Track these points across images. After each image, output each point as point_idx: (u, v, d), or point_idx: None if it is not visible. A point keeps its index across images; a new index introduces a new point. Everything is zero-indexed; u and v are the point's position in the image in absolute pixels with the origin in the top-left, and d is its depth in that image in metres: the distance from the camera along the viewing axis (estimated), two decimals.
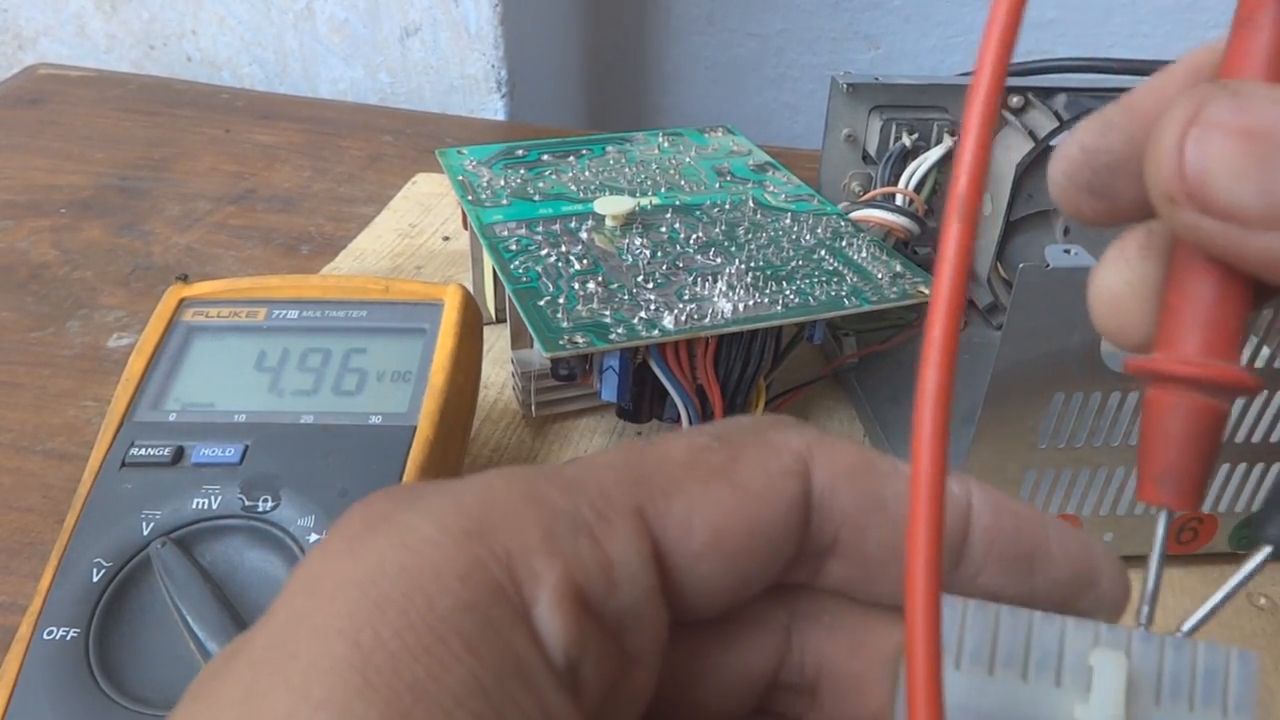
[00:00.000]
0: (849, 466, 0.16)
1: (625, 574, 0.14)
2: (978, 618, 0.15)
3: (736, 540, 0.15)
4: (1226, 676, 0.15)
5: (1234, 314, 0.15)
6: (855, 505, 0.16)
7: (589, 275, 0.35)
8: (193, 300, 0.34)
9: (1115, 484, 0.32)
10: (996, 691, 0.14)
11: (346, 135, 0.67)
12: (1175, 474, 0.15)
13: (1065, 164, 0.16)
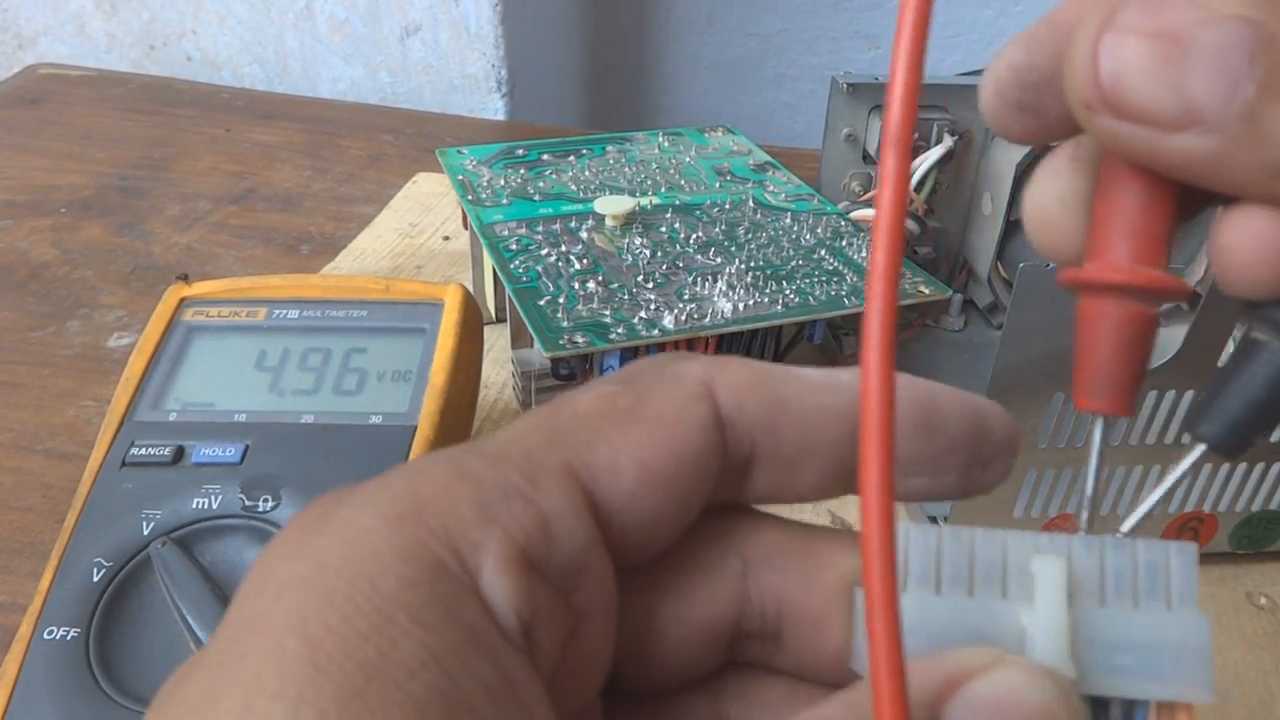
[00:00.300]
0: (748, 380, 0.17)
1: (563, 529, 0.14)
2: (920, 541, 0.15)
3: (662, 471, 0.15)
4: (1168, 570, 0.15)
5: (1160, 221, 0.15)
6: (762, 412, 0.16)
7: (589, 275, 0.35)
8: (193, 300, 0.34)
9: (1115, 484, 0.32)
10: (945, 610, 0.15)
11: (347, 135, 0.67)
12: (1108, 380, 0.15)
13: (995, 83, 0.16)
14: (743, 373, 0.17)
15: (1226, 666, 0.31)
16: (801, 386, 0.17)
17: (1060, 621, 0.14)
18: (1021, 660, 0.14)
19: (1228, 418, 0.15)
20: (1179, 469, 0.16)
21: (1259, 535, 0.34)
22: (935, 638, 0.14)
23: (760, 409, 0.16)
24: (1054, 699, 0.14)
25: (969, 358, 0.44)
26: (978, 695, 0.14)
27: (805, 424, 0.16)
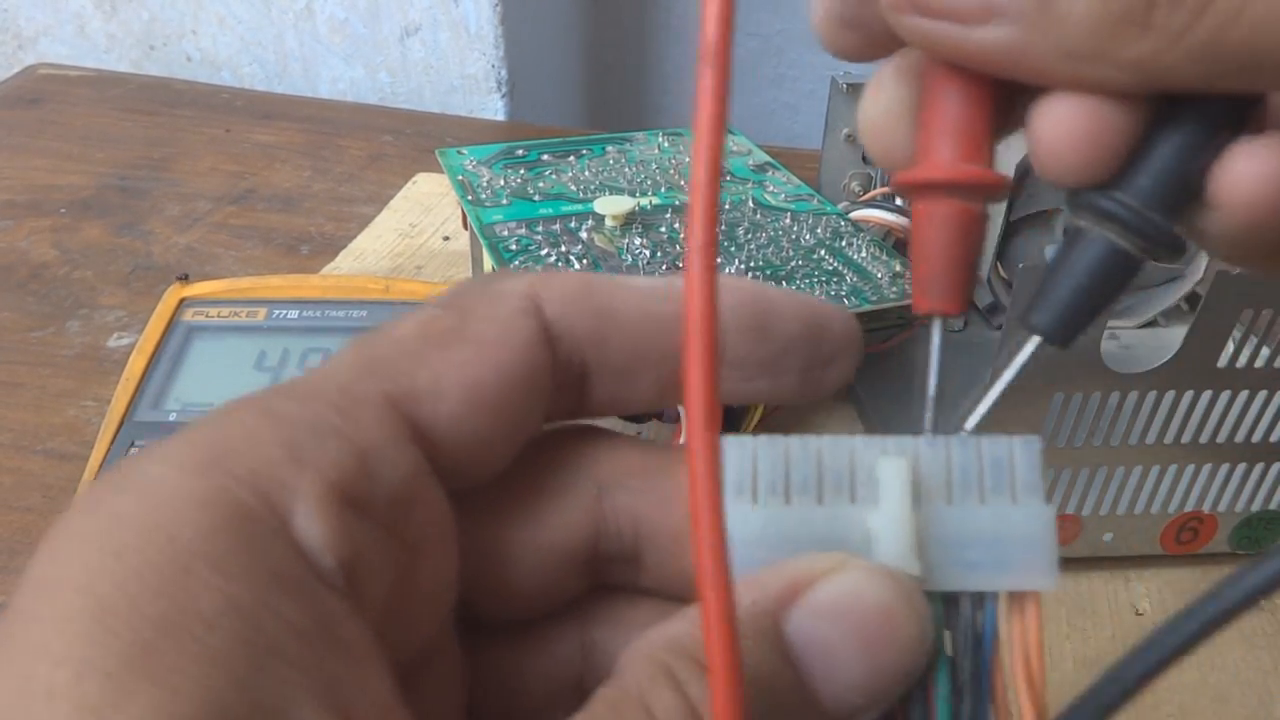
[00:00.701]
0: (573, 291, 0.16)
1: (383, 461, 0.14)
2: (768, 451, 0.15)
3: (489, 389, 0.15)
4: (1012, 464, 0.15)
5: (978, 119, 0.15)
6: (590, 323, 0.16)
7: None
8: (193, 300, 0.34)
9: (1115, 484, 0.32)
10: (795, 518, 0.15)
11: (346, 135, 0.67)
12: (940, 278, 0.16)
13: (822, 2, 0.16)
14: (569, 284, 0.16)
15: (1226, 667, 0.31)
16: (631, 295, 0.17)
17: (904, 521, 0.14)
18: (864, 562, 0.14)
19: (1057, 306, 0.16)
20: (1017, 361, 0.16)
21: (1259, 535, 0.34)
22: (786, 547, 0.15)
23: (588, 319, 0.16)
24: (894, 598, 0.14)
25: (969, 358, 0.44)
26: (819, 600, 0.14)
27: (635, 333, 0.16)
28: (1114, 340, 0.44)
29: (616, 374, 0.17)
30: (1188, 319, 0.30)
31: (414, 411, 0.15)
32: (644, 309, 0.16)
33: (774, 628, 0.14)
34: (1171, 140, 0.15)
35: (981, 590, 0.15)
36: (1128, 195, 0.15)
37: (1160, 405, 0.30)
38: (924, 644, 0.14)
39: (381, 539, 0.14)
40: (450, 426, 0.15)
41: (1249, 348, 0.30)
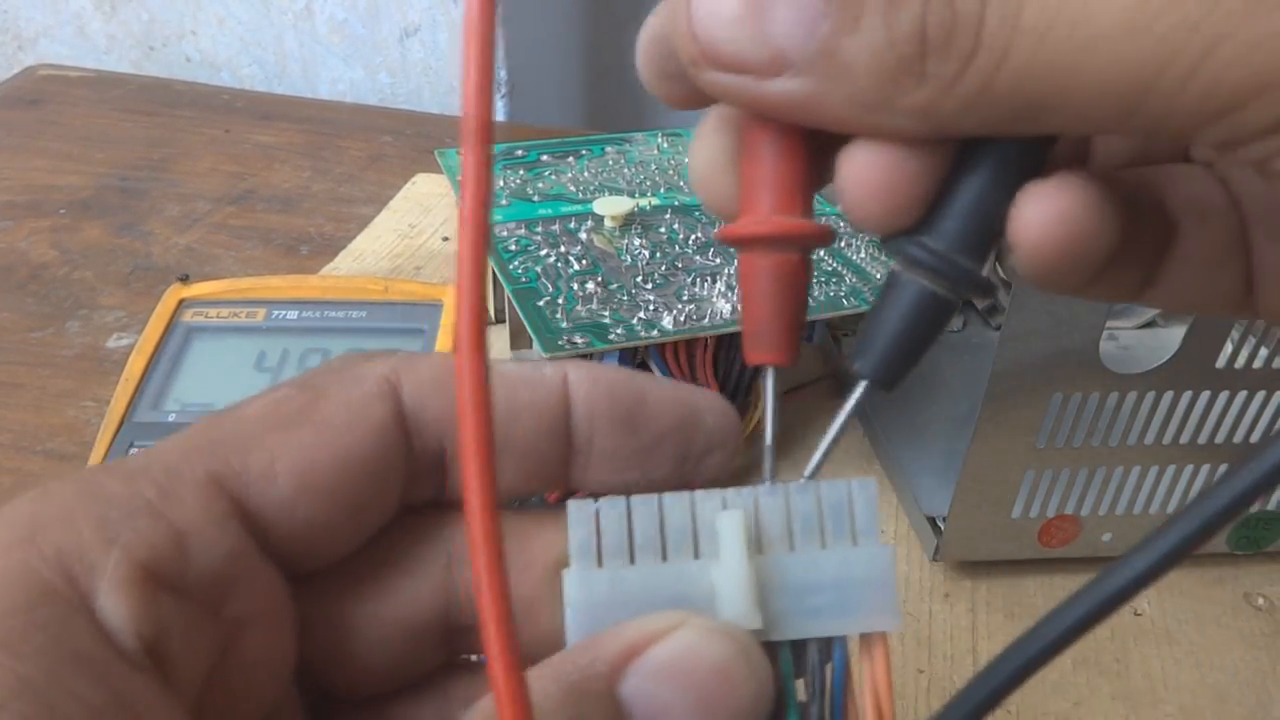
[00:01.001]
0: (435, 375, 0.16)
1: (201, 541, 0.14)
2: (609, 512, 0.15)
3: (326, 474, 0.15)
4: (850, 507, 0.15)
5: (792, 168, 0.15)
6: (449, 410, 0.16)
7: (588, 275, 0.35)
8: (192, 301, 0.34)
9: (1114, 484, 0.32)
10: (640, 578, 0.15)
11: (346, 136, 0.67)
12: (767, 330, 0.16)
13: (642, 54, 0.17)
14: (431, 369, 0.16)
15: (1224, 667, 0.31)
16: (497, 382, 0.16)
17: (742, 574, 0.14)
18: (701, 620, 0.14)
19: (878, 351, 0.16)
20: (846, 407, 0.16)
21: (1257, 536, 0.34)
22: (633, 608, 0.15)
23: (446, 408, 0.16)
24: (730, 655, 0.14)
25: (968, 358, 0.44)
26: (653, 661, 0.14)
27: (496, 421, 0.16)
28: (1113, 341, 0.44)
29: None
30: (1186, 319, 0.30)
31: (242, 493, 0.15)
32: (509, 397, 0.16)
33: (607, 691, 0.14)
34: (970, 185, 0.15)
35: (827, 636, 0.15)
36: (934, 240, 0.15)
37: (1159, 406, 0.30)
38: (761, 702, 0.14)
39: (196, 617, 0.14)
40: (282, 510, 0.15)
41: (1247, 348, 0.30)
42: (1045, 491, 0.32)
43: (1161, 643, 0.32)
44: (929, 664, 0.31)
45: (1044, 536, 0.33)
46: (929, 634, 0.32)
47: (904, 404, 0.40)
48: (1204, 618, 0.33)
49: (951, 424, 0.39)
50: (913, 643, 0.31)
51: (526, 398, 0.16)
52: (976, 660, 0.31)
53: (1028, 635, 0.13)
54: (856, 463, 0.39)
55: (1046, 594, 0.33)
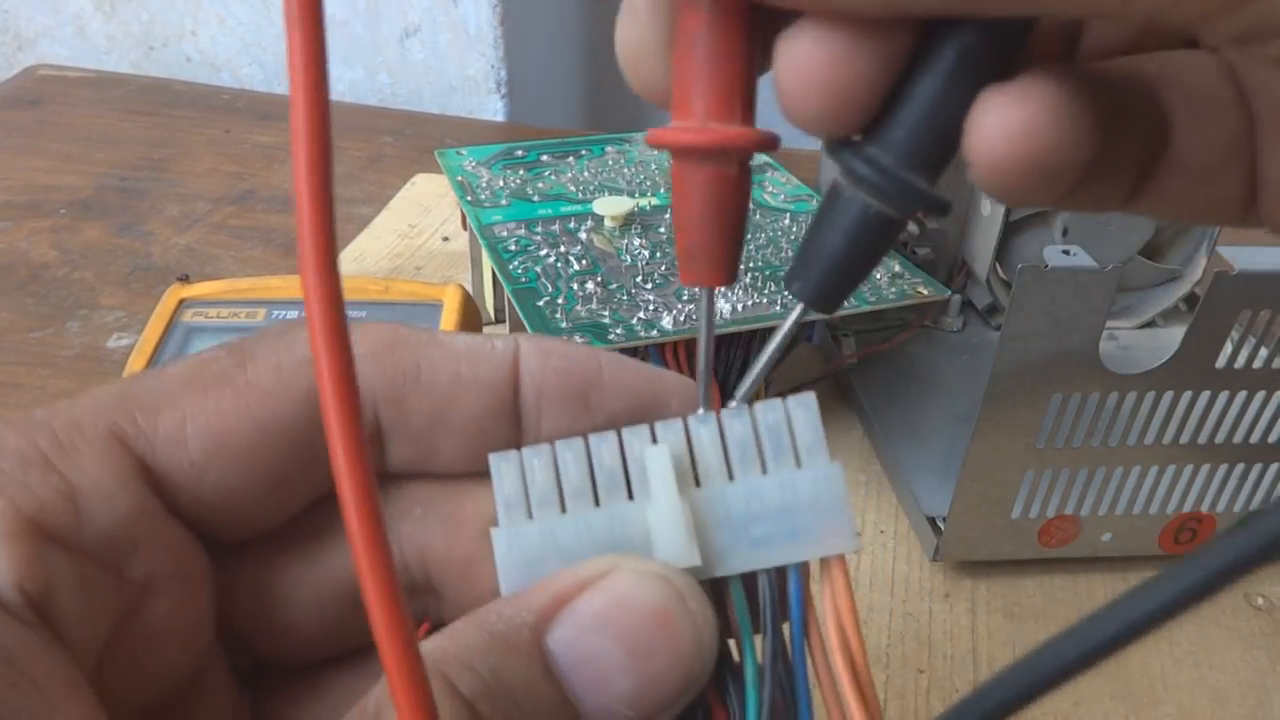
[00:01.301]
0: (374, 344, 0.15)
1: (96, 499, 0.14)
2: (535, 461, 0.14)
3: (243, 441, 0.15)
4: (790, 427, 0.14)
5: (732, 64, 0.14)
6: (387, 381, 0.15)
7: (588, 275, 0.35)
8: (192, 301, 0.34)
9: (1114, 484, 0.32)
10: (573, 526, 0.14)
11: (346, 136, 0.67)
12: (701, 249, 0.14)
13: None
14: (369, 338, 0.16)
15: (1224, 667, 0.31)
16: (440, 354, 0.16)
17: (675, 510, 0.14)
18: (633, 563, 0.13)
19: (817, 273, 0.14)
20: (782, 329, 0.15)
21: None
22: (568, 558, 0.14)
23: (385, 377, 0.15)
24: (665, 599, 0.13)
25: (968, 358, 0.44)
26: (583, 610, 0.13)
27: (437, 395, 0.15)
28: (1113, 341, 0.44)
29: (415, 436, 0.16)
30: (1186, 319, 0.30)
31: (147, 453, 0.14)
32: (452, 370, 0.16)
33: (533, 641, 0.13)
34: (925, 86, 0.13)
35: (779, 565, 0.14)
36: (881, 151, 0.13)
37: (1159, 406, 0.30)
38: (703, 647, 0.13)
39: (93, 576, 0.14)
40: (191, 474, 0.14)
41: (1247, 348, 0.30)
42: (1045, 491, 0.32)
43: (1161, 642, 0.32)
44: (929, 664, 0.31)
45: (1044, 536, 0.33)
46: (929, 634, 0.32)
47: (904, 404, 0.40)
48: (1203, 617, 0.33)
49: (951, 424, 0.39)
50: (913, 643, 0.31)
51: (470, 373, 0.16)
52: (976, 660, 0.31)
53: (1049, 646, 0.12)
54: (856, 462, 0.39)
55: (1046, 594, 0.33)
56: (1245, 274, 0.28)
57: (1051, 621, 0.32)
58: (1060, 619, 0.32)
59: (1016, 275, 0.27)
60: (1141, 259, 0.44)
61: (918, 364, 0.43)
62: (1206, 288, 0.28)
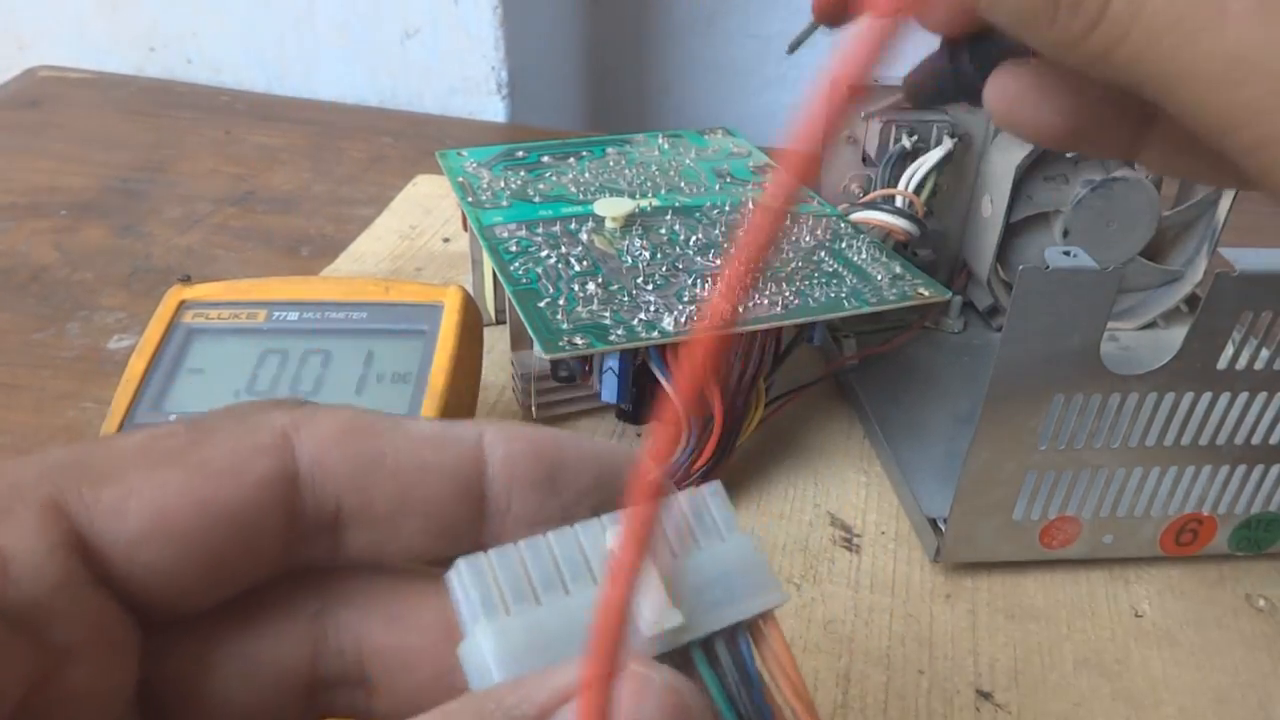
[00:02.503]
0: (338, 431, 0.16)
1: (24, 564, 0.14)
2: (501, 561, 0.15)
3: (186, 521, 0.14)
4: (709, 509, 0.16)
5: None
6: (351, 468, 0.15)
7: (589, 276, 0.35)
8: (193, 302, 0.34)
9: (1115, 485, 0.32)
10: (553, 615, 0.15)
11: (347, 137, 0.67)
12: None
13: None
14: (333, 425, 0.16)
15: (1226, 669, 0.31)
16: (404, 441, 0.16)
17: (649, 578, 0.15)
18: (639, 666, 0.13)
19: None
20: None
21: (1258, 537, 0.34)
22: (557, 645, 0.14)
23: (349, 464, 0.15)
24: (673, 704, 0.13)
25: (969, 359, 0.44)
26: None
27: (402, 482, 0.15)
28: (1114, 342, 0.44)
29: (377, 522, 0.16)
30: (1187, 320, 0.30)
31: (84, 524, 0.14)
32: (418, 457, 0.16)
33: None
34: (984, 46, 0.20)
35: (729, 624, 0.15)
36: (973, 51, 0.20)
37: (1160, 407, 0.30)
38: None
39: (9, 638, 0.13)
40: (128, 549, 0.14)
41: (1249, 349, 0.30)
42: (1046, 492, 0.32)
43: (1163, 644, 0.32)
44: (930, 665, 0.31)
45: (1045, 537, 0.33)
46: (929, 635, 0.32)
47: (905, 405, 0.40)
48: (1205, 619, 0.33)
49: (952, 425, 0.39)
50: (914, 643, 0.31)
51: (436, 459, 0.16)
52: (978, 661, 0.31)
53: None
54: (856, 463, 0.39)
55: (1048, 595, 0.33)
56: (1246, 275, 0.28)
57: (1052, 622, 0.32)
58: (1062, 620, 0.32)
59: (1017, 276, 0.27)
60: (1143, 260, 0.44)
61: (918, 365, 0.43)
62: (1208, 289, 0.28)
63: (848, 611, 0.32)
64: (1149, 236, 0.43)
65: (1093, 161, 0.41)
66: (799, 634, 0.32)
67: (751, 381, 0.35)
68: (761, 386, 0.36)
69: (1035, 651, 0.31)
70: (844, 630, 0.32)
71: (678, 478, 0.34)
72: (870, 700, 0.30)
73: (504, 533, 0.16)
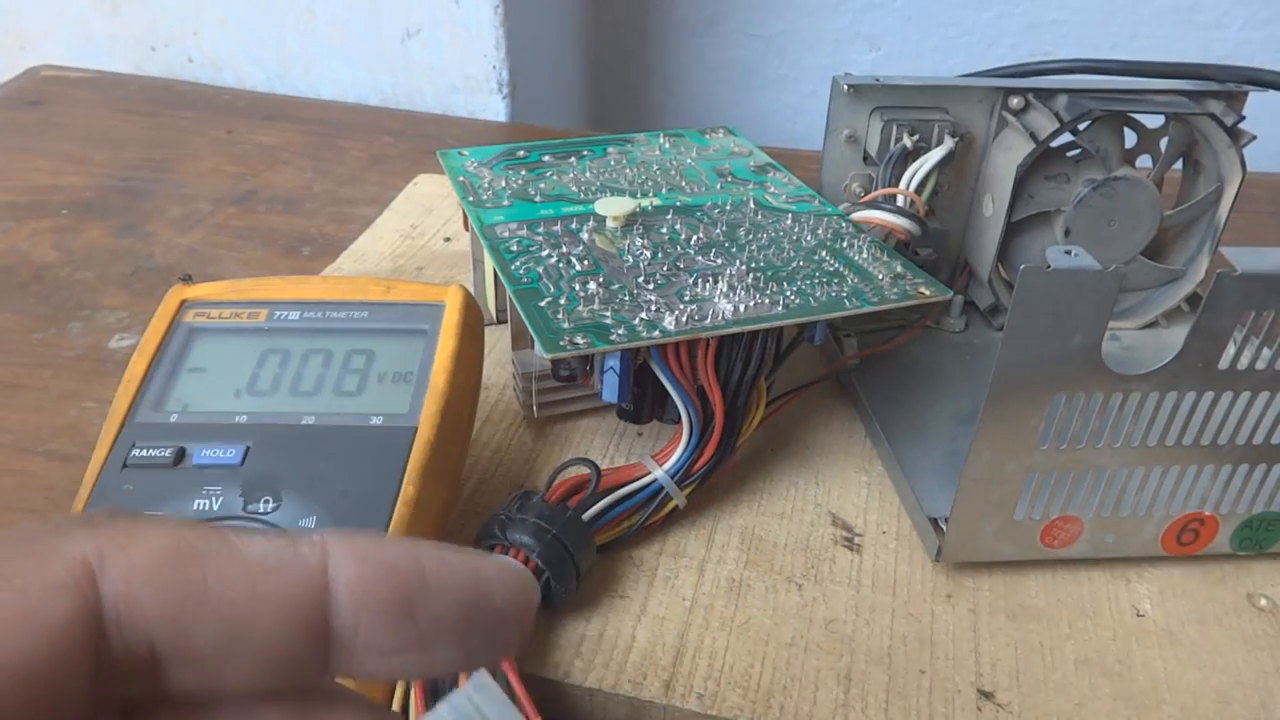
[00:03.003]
0: (153, 560, 0.14)
1: None
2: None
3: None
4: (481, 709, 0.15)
5: None
6: (165, 602, 0.13)
7: (590, 276, 0.35)
8: (194, 301, 0.34)
9: (1117, 485, 0.32)
10: None
11: (348, 136, 0.67)
12: None
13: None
14: (145, 552, 0.14)
15: (1227, 669, 0.31)
16: (235, 568, 0.14)
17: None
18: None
19: None
20: None
21: (1260, 537, 0.34)
22: None
23: (163, 597, 0.13)
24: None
25: (970, 359, 0.44)
26: None
27: (226, 617, 0.14)
28: (1115, 341, 0.44)
29: (201, 659, 0.14)
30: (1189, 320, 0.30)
31: None
32: (249, 588, 0.14)
33: None
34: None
35: None
36: None
37: (1161, 407, 0.30)
38: None
39: None
40: None
41: (1250, 349, 0.30)
42: (1048, 492, 0.32)
43: (1164, 644, 0.32)
44: (931, 664, 0.31)
45: (1046, 537, 0.33)
46: (930, 635, 0.32)
47: (906, 404, 0.40)
48: (1206, 619, 0.33)
49: (953, 424, 0.39)
50: (915, 643, 0.31)
51: (269, 589, 0.14)
52: (979, 661, 0.31)
53: None
54: (857, 463, 0.39)
55: (1049, 595, 0.33)
56: (1248, 275, 0.28)
57: (1053, 622, 0.32)
58: (1063, 620, 0.32)
59: (1019, 276, 0.27)
60: (1144, 259, 0.44)
61: (920, 364, 0.43)
62: (1209, 288, 0.28)
63: (849, 611, 0.32)
64: (1150, 236, 0.43)
65: (1094, 161, 0.41)
66: (799, 634, 0.32)
67: (752, 381, 0.35)
68: (762, 386, 0.36)
69: (1036, 651, 0.31)
70: (845, 630, 0.32)
71: (678, 478, 0.34)
72: (871, 700, 0.30)
73: (354, 665, 0.15)
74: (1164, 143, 0.43)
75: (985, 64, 0.48)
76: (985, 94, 0.43)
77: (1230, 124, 0.41)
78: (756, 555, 0.34)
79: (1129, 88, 0.41)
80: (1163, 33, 0.83)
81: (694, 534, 0.35)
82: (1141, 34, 0.83)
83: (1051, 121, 0.40)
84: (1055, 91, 0.42)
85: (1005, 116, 0.42)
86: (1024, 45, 0.85)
